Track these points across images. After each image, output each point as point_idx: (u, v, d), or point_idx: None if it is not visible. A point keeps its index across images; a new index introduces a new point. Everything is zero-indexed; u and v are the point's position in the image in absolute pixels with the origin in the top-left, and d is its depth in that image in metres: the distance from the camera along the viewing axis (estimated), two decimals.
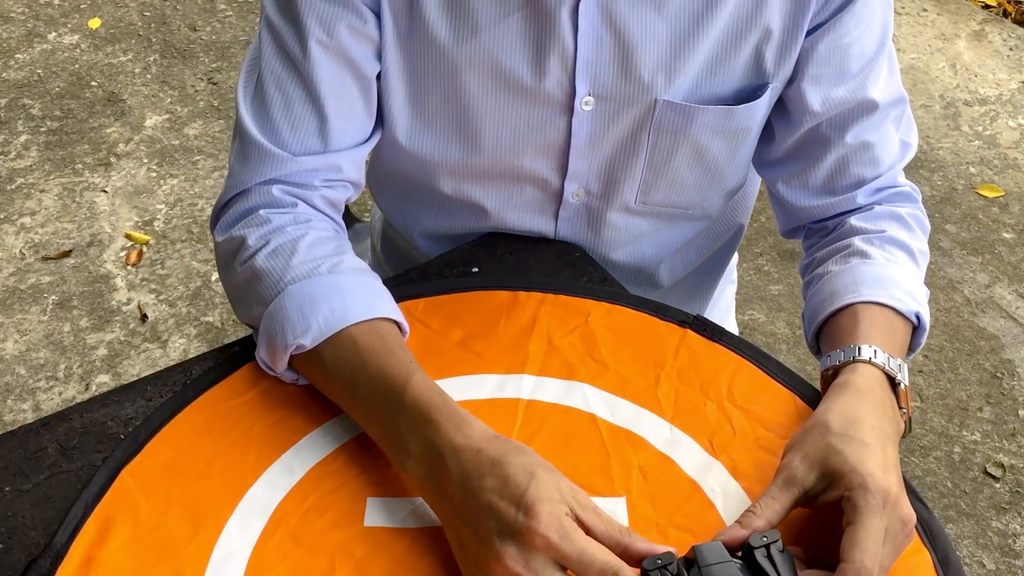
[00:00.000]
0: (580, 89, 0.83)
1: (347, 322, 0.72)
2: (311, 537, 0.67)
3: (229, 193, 0.83)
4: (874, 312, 0.78)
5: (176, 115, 2.44)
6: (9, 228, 2.14)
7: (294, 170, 0.81)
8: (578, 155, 0.89)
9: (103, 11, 2.77)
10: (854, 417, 0.68)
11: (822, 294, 0.83)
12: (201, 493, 0.70)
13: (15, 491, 0.72)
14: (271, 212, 0.80)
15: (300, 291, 0.74)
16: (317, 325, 0.72)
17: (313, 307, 0.73)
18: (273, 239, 0.78)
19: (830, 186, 0.88)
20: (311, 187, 0.83)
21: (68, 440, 0.75)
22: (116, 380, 1.84)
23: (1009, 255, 2.15)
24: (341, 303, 0.73)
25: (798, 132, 0.87)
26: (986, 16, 2.87)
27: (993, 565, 1.60)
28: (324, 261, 0.77)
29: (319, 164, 0.82)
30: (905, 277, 0.82)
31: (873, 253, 0.83)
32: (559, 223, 0.96)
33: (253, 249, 0.78)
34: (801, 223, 0.93)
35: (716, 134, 0.87)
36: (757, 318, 1.99)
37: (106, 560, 0.65)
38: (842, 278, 0.82)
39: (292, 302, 0.74)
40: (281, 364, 0.75)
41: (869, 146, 0.86)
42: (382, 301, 0.76)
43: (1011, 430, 1.80)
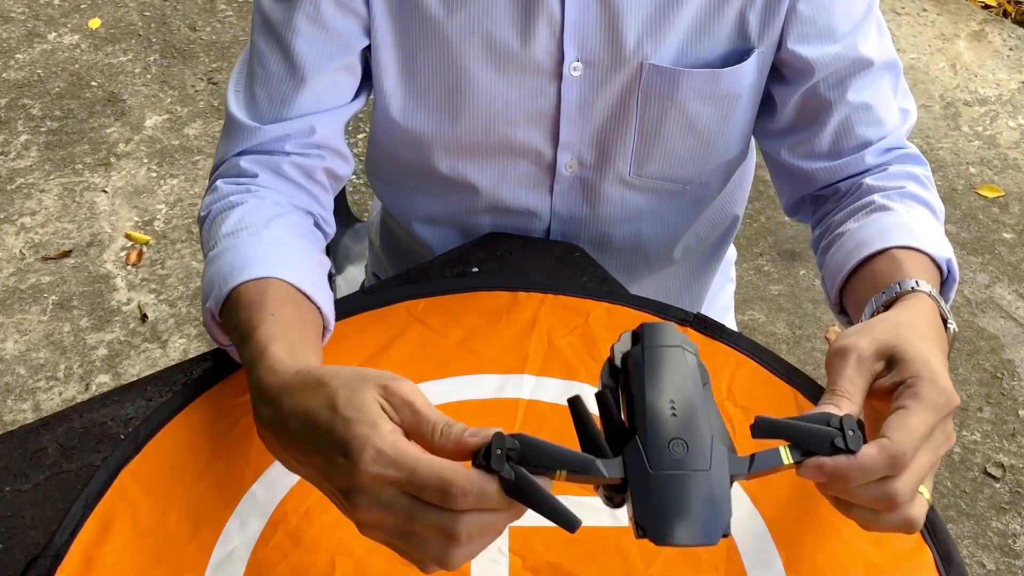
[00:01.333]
0: (568, 54, 0.84)
1: (236, 281, 0.70)
2: (311, 537, 0.67)
3: (210, 173, 0.86)
4: (911, 256, 0.75)
5: (176, 115, 2.44)
6: (9, 228, 2.14)
7: (262, 139, 0.83)
8: (569, 123, 0.89)
9: (103, 11, 2.77)
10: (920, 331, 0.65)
11: (846, 247, 0.80)
12: (201, 493, 0.70)
13: (15, 491, 0.72)
14: (226, 182, 0.82)
15: (214, 256, 0.74)
16: (217, 287, 0.71)
17: (218, 271, 0.72)
18: (214, 208, 0.80)
19: (837, 148, 0.87)
20: (279, 153, 0.83)
21: (68, 440, 0.75)
22: (116, 380, 1.84)
23: (1009, 255, 2.15)
24: (242, 263, 0.71)
25: (796, 94, 0.87)
26: (986, 16, 2.87)
27: (993, 565, 1.60)
28: (248, 227, 0.76)
29: (289, 128, 0.83)
30: (930, 227, 0.80)
31: (895, 207, 0.81)
32: (554, 197, 0.96)
33: (200, 219, 0.82)
34: (808, 191, 0.91)
35: (704, 100, 0.87)
36: (757, 318, 1.99)
37: (106, 560, 0.65)
38: (867, 229, 0.79)
39: (209, 268, 0.74)
40: (216, 334, 0.74)
41: (870, 107, 0.86)
42: (282, 263, 0.72)
43: (1011, 430, 1.80)
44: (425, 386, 0.78)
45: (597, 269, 0.92)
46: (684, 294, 1.13)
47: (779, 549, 0.68)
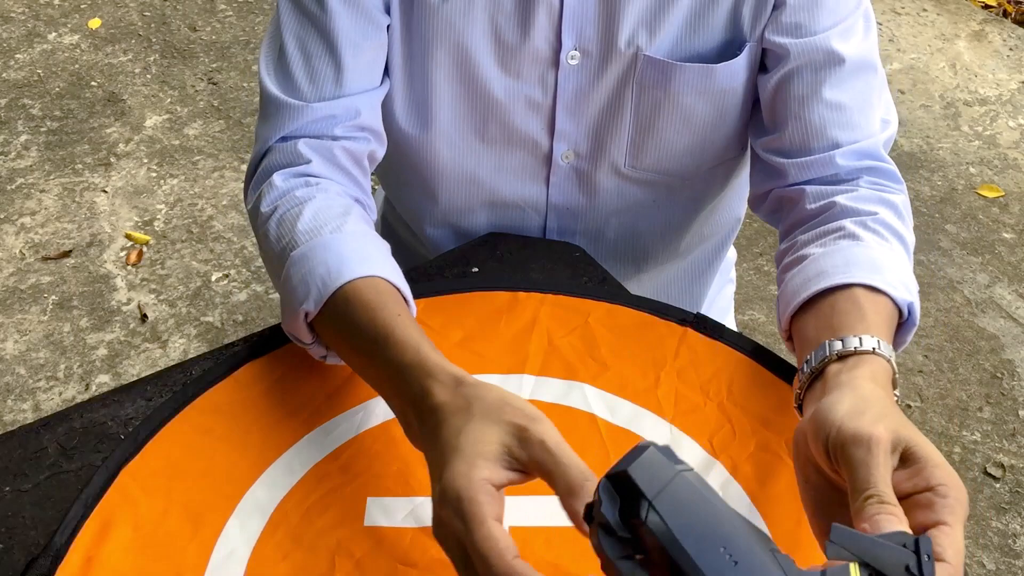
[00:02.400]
0: (566, 43, 0.85)
1: (342, 280, 0.71)
2: (311, 537, 0.67)
3: (255, 158, 0.84)
4: (873, 300, 0.72)
5: (176, 115, 2.44)
6: (9, 228, 2.14)
7: (311, 118, 0.82)
8: (566, 112, 0.90)
9: (103, 11, 2.77)
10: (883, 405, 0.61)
11: (807, 273, 0.76)
12: (201, 493, 0.70)
13: (15, 491, 0.71)
14: (283, 175, 0.80)
15: (300, 256, 0.74)
16: (316, 288, 0.71)
17: (312, 271, 0.72)
18: (281, 205, 0.78)
19: (807, 147, 0.85)
20: (331, 137, 0.83)
21: (68, 440, 0.75)
22: (116, 380, 1.84)
23: (1009, 255, 2.15)
24: (338, 262, 0.72)
25: (771, 84, 0.86)
26: (986, 16, 2.87)
27: (993, 565, 1.60)
28: (327, 223, 0.76)
29: (336, 109, 0.82)
30: (899, 265, 0.77)
31: (865, 237, 0.78)
32: (551, 189, 0.97)
33: (265, 216, 0.79)
34: (775, 185, 0.88)
35: (699, 94, 0.88)
36: (757, 318, 1.99)
37: (106, 560, 0.65)
38: (831, 259, 0.76)
39: (295, 269, 0.73)
40: (302, 334, 0.74)
41: (844, 108, 0.84)
42: (379, 262, 0.74)
43: (1011, 430, 1.80)
44: None
45: (597, 269, 0.92)
46: (685, 295, 1.13)
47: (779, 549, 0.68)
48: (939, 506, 0.55)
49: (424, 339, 0.67)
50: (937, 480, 0.56)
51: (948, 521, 0.54)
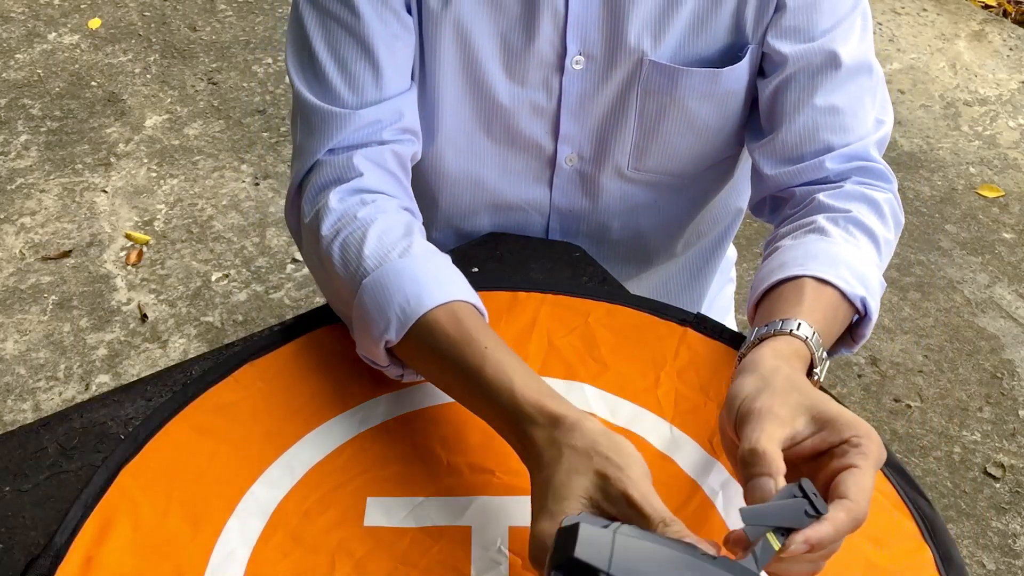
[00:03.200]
0: (571, 48, 0.85)
1: (423, 310, 0.71)
2: (311, 537, 0.67)
3: (300, 172, 0.82)
4: (820, 290, 0.74)
5: (176, 115, 2.44)
6: (9, 228, 2.14)
7: (358, 125, 0.81)
8: (570, 116, 0.90)
9: (103, 11, 2.77)
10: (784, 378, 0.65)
11: (771, 264, 0.79)
12: (201, 493, 0.70)
13: (15, 491, 0.71)
14: (339, 193, 0.79)
15: (374, 284, 0.73)
16: (396, 318, 0.71)
17: (389, 300, 0.72)
18: (343, 228, 0.77)
19: (798, 152, 0.86)
20: (379, 142, 0.82)
21: (68, 440, 0.75)
22: (116, 380, 1.84)
23: (1009, 255, 2.15)
24: (415, 291, 0.71)
25: (769, 88, 0.86)
26: (986, 16, 2.87)
27: (993, 565, 1.60)
28: (394, 247, 0.75)
29: (381, 113, 0.81)
30: (860, 260, 0.78)
31: (832, 232, 0.80)
32: (554, 191, 0.97)
33: (327, 239, 0.77)
34: (769, 192, 0.90)
35: (703, 98, 0.88)
36: None
37: (106, 560, 0.65)
38: (793, 251, 0.78)
39: (369, 297, 0.73)
40: (380, 358, 0.74)
41: (838, 111, 0.84)
42: (454, 283, 0.74)
43: (1011, 430, 1.80)
44: (425, 386, 0.78)
45: (597, 269, 0.92)
46: (685, 292, 1.13)
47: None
48: (850, 453, 0.60)
49: (517, 371, 0.67)
50: (849, 432, 0.61)
51: (856, 463, 0.59)
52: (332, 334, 0.82)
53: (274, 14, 2.80)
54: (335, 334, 0.81)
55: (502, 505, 0.69)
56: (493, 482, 0.71)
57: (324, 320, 0.83)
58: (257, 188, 2.25)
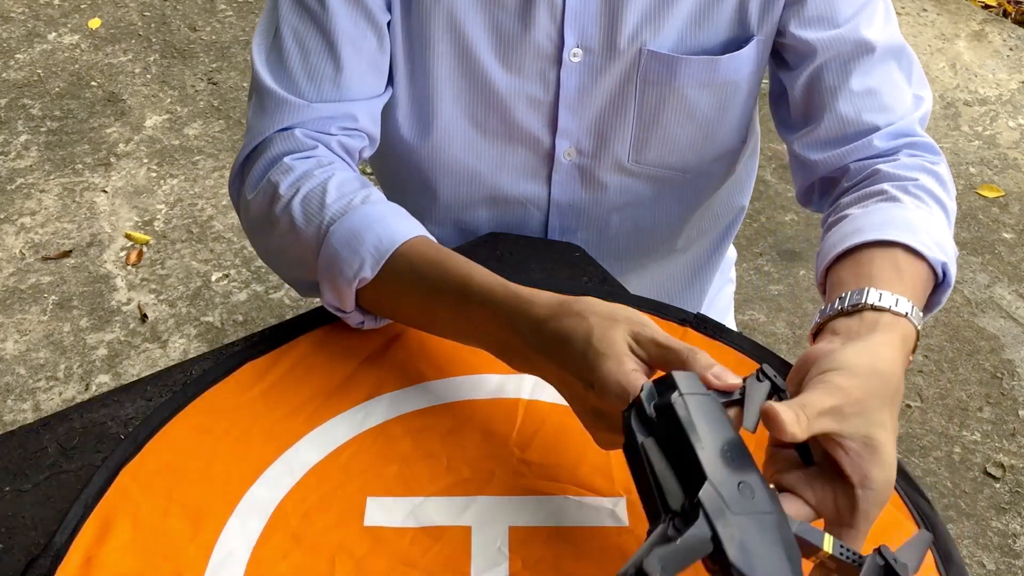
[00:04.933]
0: (568, 40, 0.85)
1: (396, 243, 0.74)
2: (311, 537, 0.67)
3: (248, 147, 0.84)
4: (909, 259, 0.73)
5: (176, 115, 2.44)
6: (9, 228, 2.14)
7: (311, 116, 0.82)
8: (567, 109, 0.90)
9: (103, 11, 2.77)
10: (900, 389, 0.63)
11: (844, 230, 0.77)
12: (201, 493, 0.70)
13: (15, 491, 0.71)
14: (295, 159, 0.81)
15: (342, 229, 0.75)
16: (370, 255, 0.73)
17: (360, 239, 0.74)
18: (303, 185, 0.78)
19: (843, 135, 0.86)
20: (328, 133, 0.84)
21: (68, 440, 0.75)
22: (116, 380, 1.84)
23: (1009, 255, 2.15)
24: (385, 228, 0.74)
25: (801, 80, 0.87)
26: (986, 16, 2.87)
27: (993, 565, 1.60)
28: (355, 195, 0.77)
29: (335, 111, 0.83)
30: (935, 226, 0.77)
31: (904, 199, 0.79)
32: (553, 186, 0.97)
33: (286, 198, 0.78)
34: (817, 176, 0.90)
35: (703, 87, 0.88)
36: (757, 318, 1.99)
37: (106, 560, 0.65)
38: (868, 218, 0.77)
39: (339, 241, 0.75)
40: (349, 302, 0.76)
41: (876, 92, 0.85)
42: (417, 224, 0.77)
43: (1011, 430, 1.80)
44: (425, 386, 0.78)
45: (597, 269, 0.92)
46: (686, 292, 1.13)
47: None
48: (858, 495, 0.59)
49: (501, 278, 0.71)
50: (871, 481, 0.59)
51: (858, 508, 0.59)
52: (332, 334, 0.82)
53: None
54: (335, 334, 0.81)
55: (502, 505, 0.69)
56: (493, 482, 0.71)
57: (324, 320, 0.83)
58: None
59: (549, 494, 0.71)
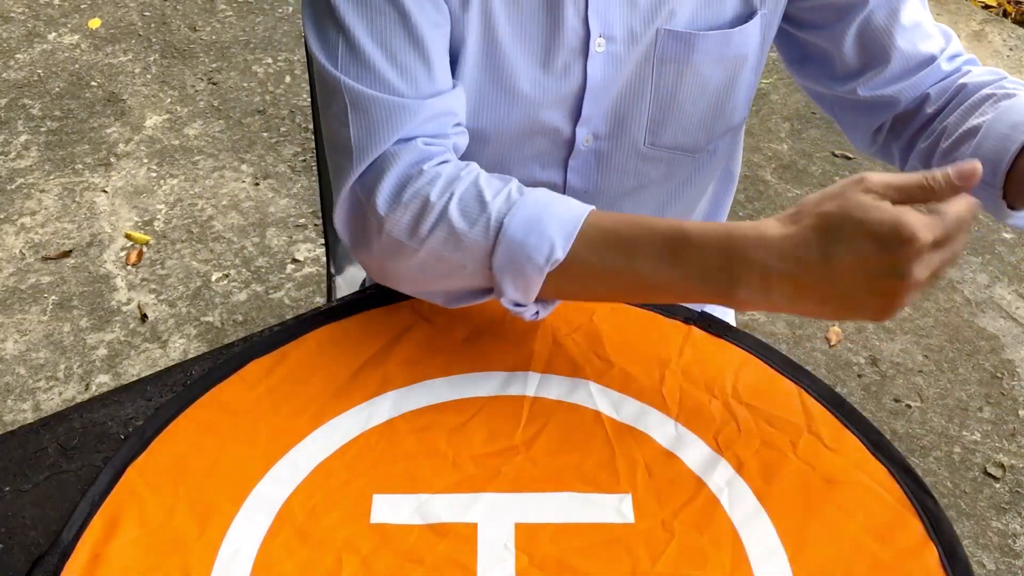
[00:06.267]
0: (593, 31, 0.86)
1: (580, 218, 0.73)
2: (317, 534, 0.67)
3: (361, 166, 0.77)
4: None
5: (176, 115, 2.44)
6: (9, 228, 2.14)
7: (426, 116, 0.78)
8: (592, 99, 0.90)
9: (103, 11, 2.77)
10: None
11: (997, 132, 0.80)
12: (207, 490, 0.70)
13: (15, 491, 0.71)
14: (434, 165, 0.77)
15: (517, 220, 0.73)
16: (558, 234, 0.72)
17: (540, 223, 0.73)
18: (455, 189, 0.75)
19: (910, 67, 0.91)
20: (445, 136, 0.80)
21: (68, 440, 0.75)
22: (116, 380, 1.84)
23: (1009, 255, 2.15)
24: (561, 208, 0.74)
25: (850, 33, 0.90)
26: (986, 16, 2.87)
27: (993, 565, 1.60)
28: (509, 189, 0.75)
29: (442, 106, 0.80)
30: None
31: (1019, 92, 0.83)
32: (569, 172, 0.97)
33: (440, 205, 0.74)
34: (892, 113, 0.94)
35: (716, 62, 0.90)
36: (757, 318, 1.99)
37: (113, 557, 0.65)
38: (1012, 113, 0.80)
39: (519, 231, 0.73)
40: (535, 291, 0.74)
41: (920, 24, 0.90)
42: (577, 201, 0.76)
43: (1011, 430, 1.80)
44: (430, 383, 0.78)
45: None
46: None
47: (784, 546, 0.68)
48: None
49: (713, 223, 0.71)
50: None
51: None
52: (337, 332, 0.82)
53: (274, 14, 2.80)
54: (340, 332, 0.81)
55: (508, 502, 0.70)
56: (499, 479, 0.71)
57: (330, 317, 0.83)
58: (257, 188, 2.25)
59: (555, 491, 0.71)
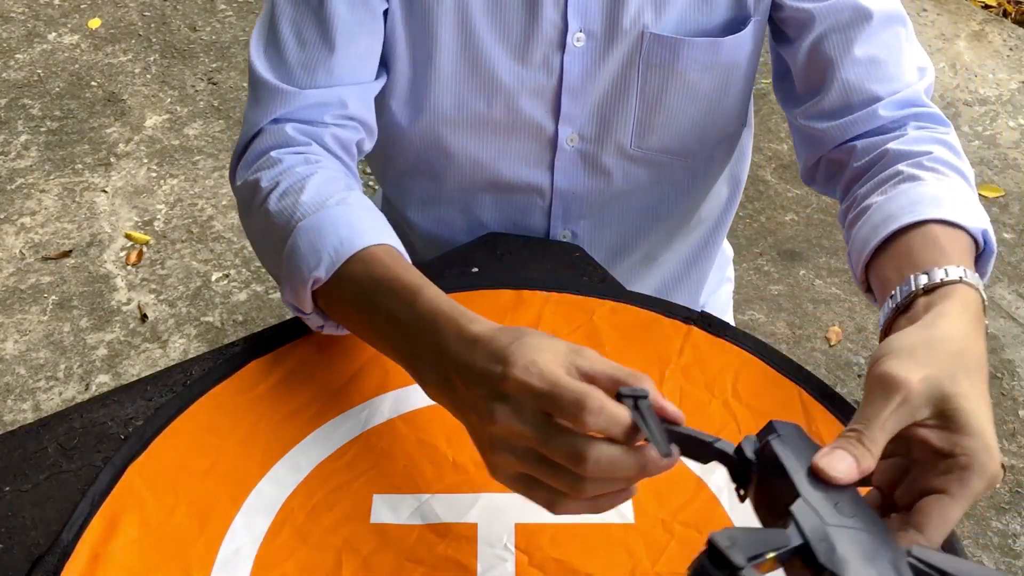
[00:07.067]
0: (572, 25, 0.86)
1: (356, 248, 0.71)
2: (317, 534, 0.67)
3: (243, 139, 0.84)
4: (947, 232, 0.70)
5: (176, 115, 2.44)
6: (9, 228, 2.14)
7: (301, 104, 0.82)
8: (571, 95, 0.90)
9: (103, 11, 2.77)
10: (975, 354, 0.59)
11: (873, 220, 0.75)
12: (208, 490, 0.70)
13: (15, 491, 0.71)
14: (283, 152, 0.81)
15: (309, 226, 0.74)
16: (328, 256, 0.72)
17: (323, 239, 0.72)
18: (283, 180, 0.78)
19: (847, 103, 0.85)
20: (321, 124, 0.83)
21: (68, 440, 0.75)
22: (116, 380, 1.84)
23: (1009, 255, 2.15)
24: (349, 231, 0.73)
25: (802, 51, 0.86)
26: (986, 16, 2.87)
27: (993, 565, 1.60)
28: (332, 196, 0.76)
29: (325, 97, 0.83)
30: (962, 197, 0.75)
31: (923, 175, 0.77)
32: (556, 173, 0.97)
33: (265, 191, 0.78)
34: (822, 152, 0.88)
35: (705, 69, 0.88)
36: (757, 318, 1.99)
37: (113, 557, 0.65)
38: (896, 201, 0.75)
39: (304, 238, 0.73)
40: (306, 303, 0.74)
41: (878, 61, 0.84)
42: (389, 232, 0.75)
43: (1011, 430, 1.80)
44: None
45: (597, 269, 0.92)
46: (681, 283, 1.12)
47: None
48: (950, 474, 0.54)
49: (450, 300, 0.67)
50: (963, 449, 0.54)
51: (951, 492, 0.53)
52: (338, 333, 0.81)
53: None
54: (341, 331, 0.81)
55: (508, 502, 0.69)
56: None
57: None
58: None
59: None
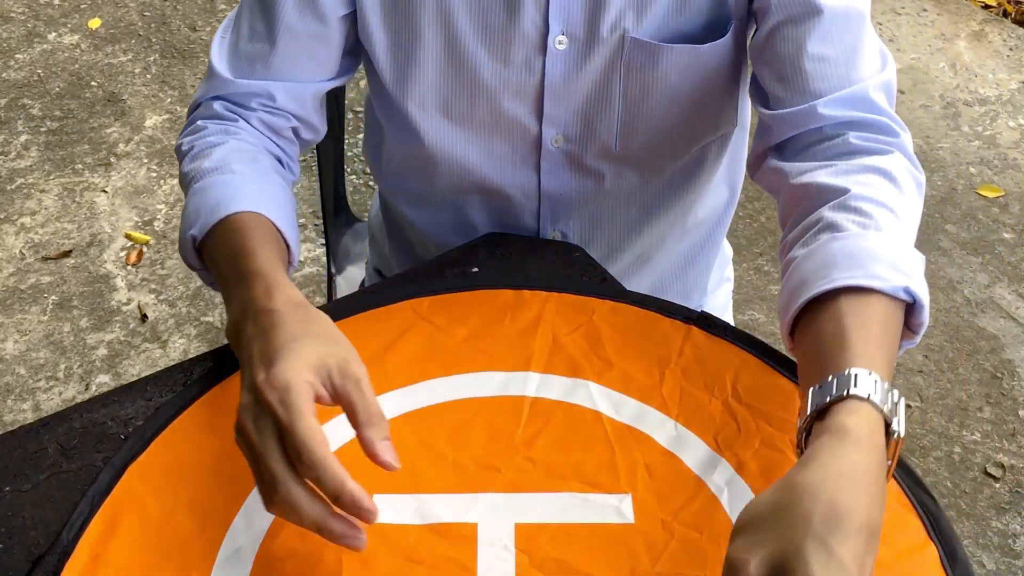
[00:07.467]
0: (553, 27, 0.86)
1: (228, 211, 0.77)
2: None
3: (189, 111, 0.93)
4: (857, 305, 0.67)
5: (176, 115, 2.44)
6: (9, 228, 2.14)
7: (232, 91, 0.89)
8: (553, 97, 0.91)
9: (103, 11, 2.77)
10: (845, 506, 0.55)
11: (791, 285, 0.72)
12: (208, 490, 0.70)
13: (15, 491, 0.71)
14: (207, 122, 0.88)
15: (200, 188, 0.81)
16: (203, 216, 0.78)
17: (205, 202, 0.79)
18: (197, 144, 0.86)
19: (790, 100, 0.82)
20: (248, 108, 0.90)
21: (68, 440, 0.75)
22: (116, 380, 1.84)
23: (1009, 255, 2.15)
24: (228, 196, 0.79)
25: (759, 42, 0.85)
26: (986, 16, 2.87)
27: (993, 565, 1.60)
28: (233, 163, 0.82)
29: (254, 89, 0.89)
30: (885, 245, 0.70)
31: (843, 223, 0.72)
32: (542, 175, 0.97)
33: (183, 153, 0.87)
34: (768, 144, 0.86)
35: (686, 74, 0.88)
36: (757, 318, 1.99)
37: (113, 557, 0.65)
38: (811, 261, 0.71)
39: (193, 199, 0.81)
40: (191, 258, 0.81)
41: (829, 60, 0.81)
42: (271, 203, 0.80)
43: (1011, 430, 1.80)
44: (430, 384, 0.78)
45: (596, 269, 0.92)
46: (678, 282, 1.11)
47: None
48: None
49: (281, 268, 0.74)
50: None
51: None
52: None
53: None
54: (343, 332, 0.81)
55: (508, 502, 0.70)
56: (499, 479, 0.71)
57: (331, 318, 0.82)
58: None
59: (555, 491, 0.71)
